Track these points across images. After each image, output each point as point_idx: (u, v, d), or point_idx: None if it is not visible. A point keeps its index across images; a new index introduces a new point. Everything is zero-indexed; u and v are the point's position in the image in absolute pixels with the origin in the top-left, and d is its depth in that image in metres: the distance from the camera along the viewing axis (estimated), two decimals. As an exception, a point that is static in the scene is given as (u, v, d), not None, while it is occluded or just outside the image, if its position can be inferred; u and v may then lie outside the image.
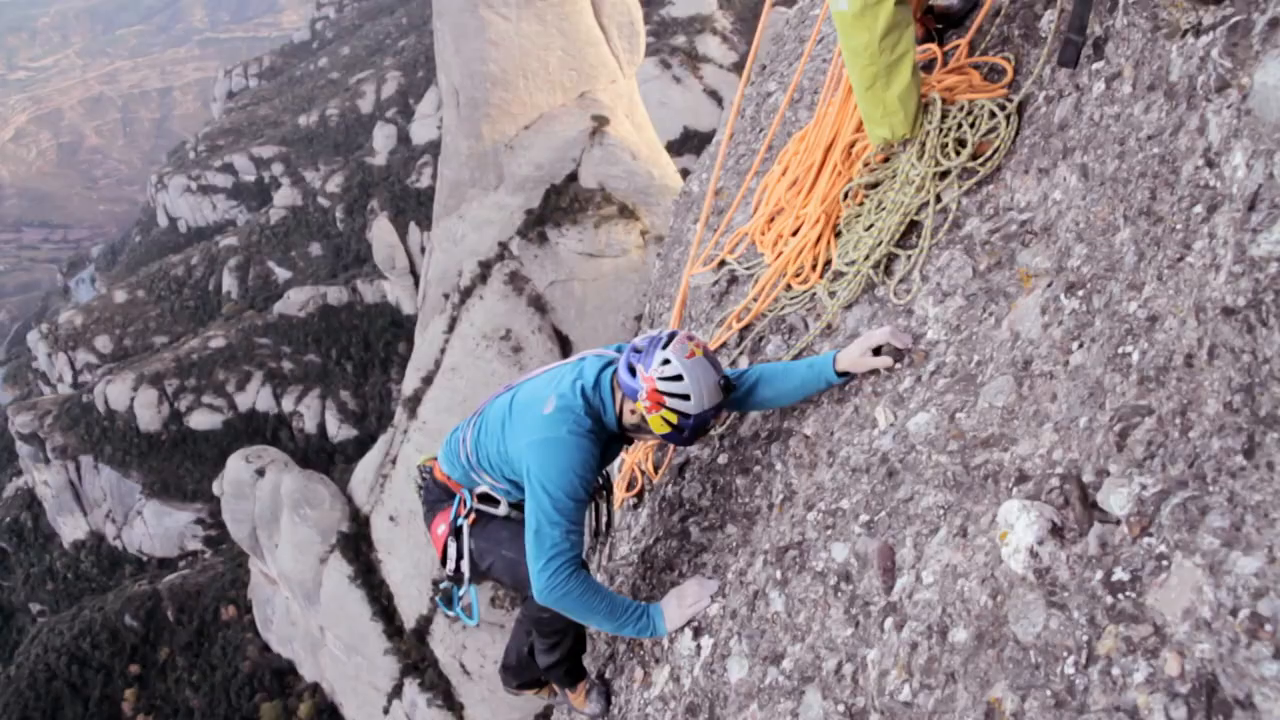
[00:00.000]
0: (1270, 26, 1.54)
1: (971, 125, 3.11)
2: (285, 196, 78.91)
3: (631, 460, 4.10)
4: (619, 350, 2.96)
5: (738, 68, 63.27)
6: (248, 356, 64.56)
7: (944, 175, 3.09)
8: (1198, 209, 1.69)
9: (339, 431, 61.49)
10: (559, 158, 38.85)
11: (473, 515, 3.13)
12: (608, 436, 2.88)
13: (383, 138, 74.66)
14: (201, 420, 62.95)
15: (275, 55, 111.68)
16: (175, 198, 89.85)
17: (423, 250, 57.17)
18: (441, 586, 3.28)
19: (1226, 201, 1.57)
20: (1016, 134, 3.00)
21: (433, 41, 45.95)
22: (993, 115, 3.07)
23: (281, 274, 73.54)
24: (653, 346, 2.69)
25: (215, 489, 47.79)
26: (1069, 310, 2.14)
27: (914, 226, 3.13)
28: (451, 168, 41.95)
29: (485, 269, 38.94)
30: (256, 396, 63.21)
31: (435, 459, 3.33)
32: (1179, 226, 1.74)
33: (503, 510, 3.15)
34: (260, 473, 43.92)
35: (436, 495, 3.29)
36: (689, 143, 58.97)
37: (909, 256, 3.05)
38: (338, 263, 72.15)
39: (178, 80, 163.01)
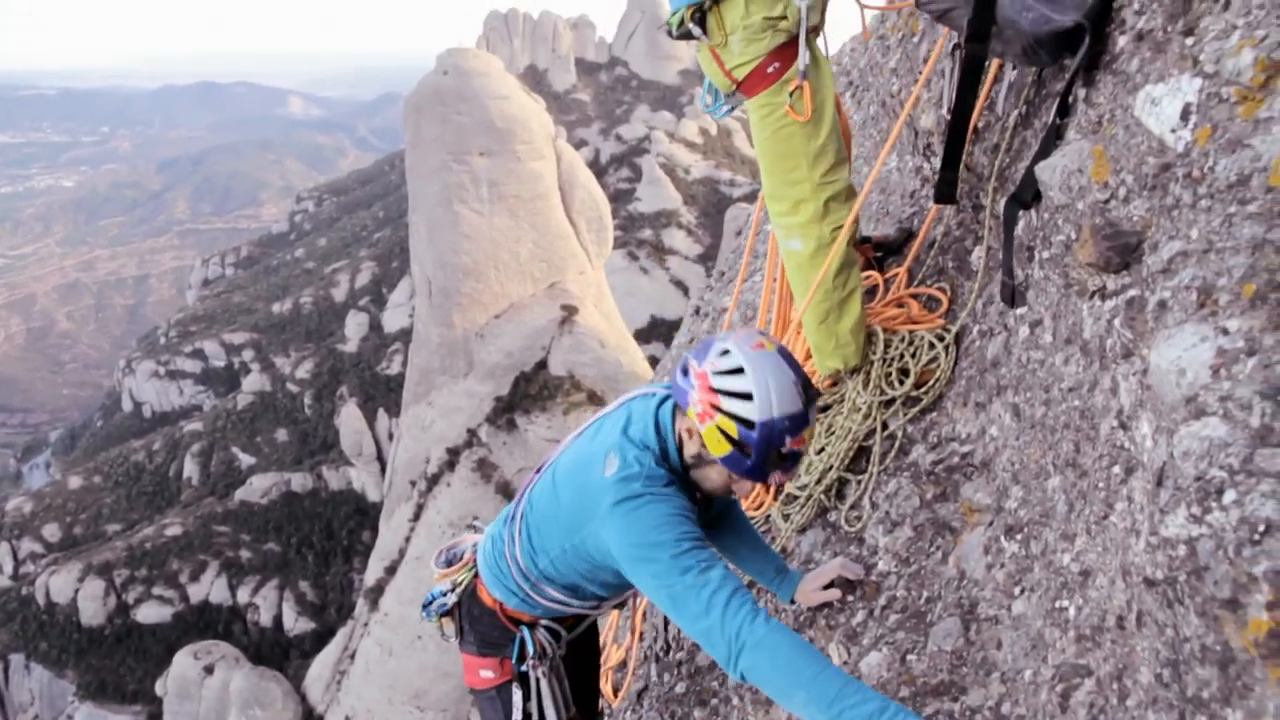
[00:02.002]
0: (1160, 308, 1.66)
1: (913, 355, 3.26)
2: (254, 382, 79.01)
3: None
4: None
5: (702, 259, 66.26)
6: (204, 545, 62.47)
7: (889, 403, 3.22)
8: (1116, 469, 1.77)
9: (296, 624, 58.84)
10: (529, 346, 39.74)
11: (536, 662, 2.59)
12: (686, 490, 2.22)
13: (355, 325, 75.92)
14: (150, 613, 59.98)
15: (253, 245, 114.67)
16: (142, 382, 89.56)
17: (391, 437, 57.07)
18: None
19: (1140, 468, 1.65)
20: (955, 363, 3.16)
21: (407, 233, 47.79)
22: (932, 346, 3.23)
23: (246, 460, 72.48)
24: (711, 341, 2.13)
25: (158, 689, 45.08)
26: (1009, 553, 2.19)
27: (863, 451, 3.22)
28: (422, 355, 42.62)
29: (453, 456, 38.87)
30: (211, 587, 60.70)
31: (477, 578, 2.65)
32: (1101, 485, 1.82)
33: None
34: (209, 670, 41.68)
35: (488, 631, 2.63)
36: (656, 330, 60.73)
37: (859, 482, 3.12)
38: (304, 449, 71.42)
39: (155, 268, 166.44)
